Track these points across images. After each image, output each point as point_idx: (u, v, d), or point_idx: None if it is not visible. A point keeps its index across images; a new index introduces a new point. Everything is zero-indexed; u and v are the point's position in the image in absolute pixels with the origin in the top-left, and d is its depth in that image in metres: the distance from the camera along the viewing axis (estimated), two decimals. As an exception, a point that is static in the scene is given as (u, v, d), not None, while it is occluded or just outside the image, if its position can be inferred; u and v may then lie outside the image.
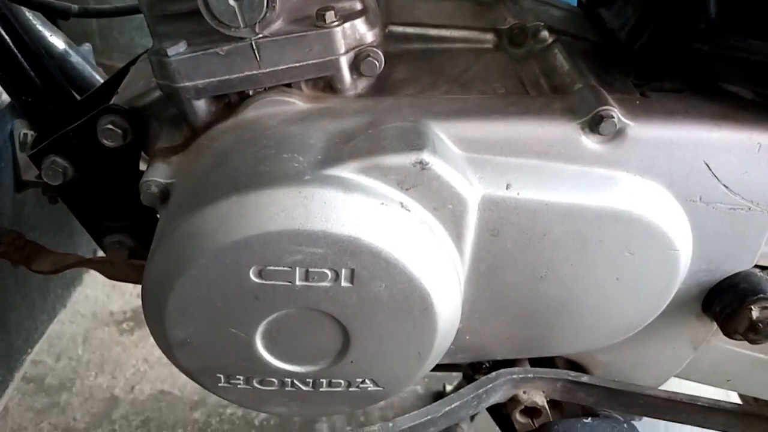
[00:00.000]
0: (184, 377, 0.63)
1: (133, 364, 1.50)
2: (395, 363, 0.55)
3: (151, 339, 0.59)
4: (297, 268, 0.48)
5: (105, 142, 0.66)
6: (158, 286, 0.51)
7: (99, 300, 1.72)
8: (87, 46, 1.09)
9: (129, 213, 0.74)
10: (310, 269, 0.48)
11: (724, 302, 0.61)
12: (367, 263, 0.48)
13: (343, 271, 0.48)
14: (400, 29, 0.63)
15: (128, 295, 1.74)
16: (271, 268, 0.48)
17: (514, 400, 0.67)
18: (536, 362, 0.72)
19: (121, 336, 1.59)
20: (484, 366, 0.73)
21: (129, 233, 0.77)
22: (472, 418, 1.36)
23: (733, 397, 0.98)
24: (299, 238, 0.47)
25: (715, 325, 0.64)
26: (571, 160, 0.54)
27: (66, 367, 1.49)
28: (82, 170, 0.71)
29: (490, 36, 0.65)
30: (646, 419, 0.73)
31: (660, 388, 0.69)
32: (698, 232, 0.58)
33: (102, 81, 1.03)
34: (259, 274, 0.48)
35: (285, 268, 0.48)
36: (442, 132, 0.53)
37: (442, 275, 0.52)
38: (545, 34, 0.63)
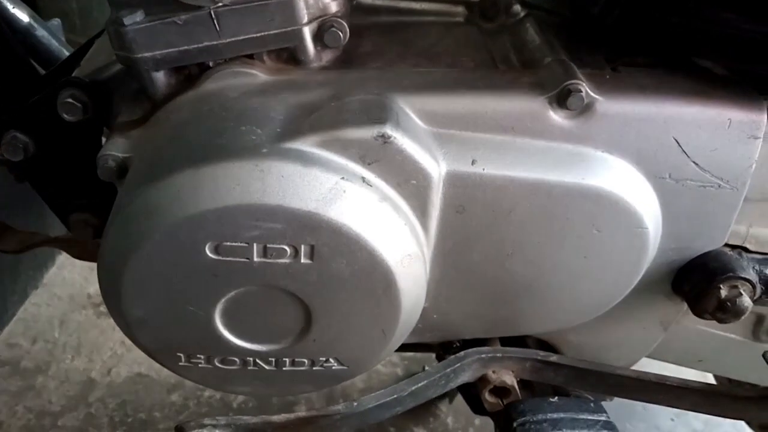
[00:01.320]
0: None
1: (111, 347, 1.48)
2: (359, 341, 0.54)
3: None
4: (254, 244, 0.46)
5: (65, 116, 0.63)
6: (113, 262, 0.50)
7: (76, 282, 1.69)
8: (56, 21, 1.06)
9: (93, 190, 0.71)
10: (268, 245, 0.47)
11: (694, 282, 0.60)
12: (327, 239, 0.47)
13: (303, 247, 0.47)
14: (369, 1, 0.62)
15: None
16: (228, 244, 0.47)
17: (483, 380, 0.67)
18: (507, 342, 0.72)
19: (98, 319, 1.57)
20: (455, 345, 0.72)
21: (94, 211, 0.75)
22: (451, 399, 1.37)
23: (710, 378, 0.99)
24: (256, 213, 0.45)
25: (685, 305, 0.64)
26: (539, 136, 0.52)
27: (42, 350, 1.47)
28: (44, 146, 0.69)
29: (461, 9, 0.63)
30: (623, 401, 0.73)
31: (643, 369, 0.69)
32: (667, 210, 0.57)
33: (69, 56, 1.02)
34: (216, 250, 0.47)
35: (242, 244, 0.47)
36: (407, 106, 0.52)
37: (405, 252, 0.50)
38: (517, 8, 0.62)
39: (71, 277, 1.72)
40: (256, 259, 0.47)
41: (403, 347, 0.66)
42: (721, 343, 0.72)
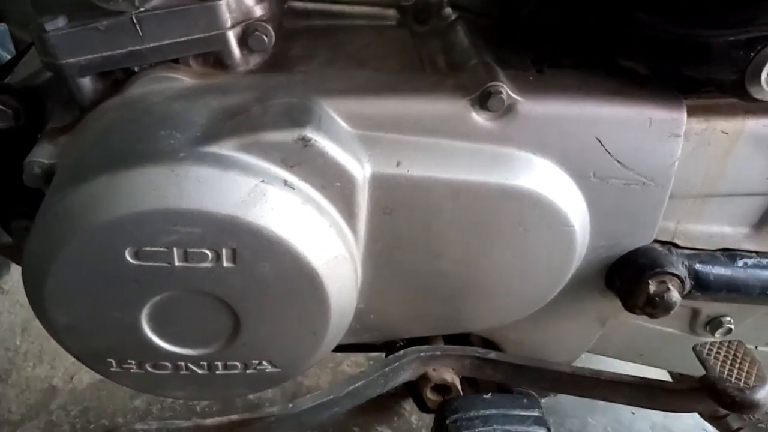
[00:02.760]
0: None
1: None
2: (290, 343, 0.54)
3: None
4: (174, 249, 0.46)
5: None
6: (36, 268, 0.50)
7: None
8: (2, 27, 1.05)
9: (32, 197, 0.68)
10: (188, 250, 0.47)
11: (624, 278, 0.61)
12: (248, 243, 0.47)
13: (224, 251, 0.47)
14: (300, 5, 0.62)
15: None
16: (148, 249, 0.46)
17: (424, 378, 0.67)
18: (451, 340, 0.73)
19: None
20: (398, 344, 0.73)
21: (35, 218, 0.74)
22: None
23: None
24: (174, 218, 0.45)
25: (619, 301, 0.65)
26: (463, 137, 0.53)
27: (2, 358, 1.45)
28: None
29: (393, 12, 0.64)
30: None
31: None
32: (594, 209, 0.58)
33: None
34: (136, 256, 0.47)
35: (162, 249, 0.47)
36: (331, 109, 0.52)
37: (332, 254, 0.51)
38: (448, 10, 0.63)
39: None
40: (177, 263, 0.47)
41: (345, 348, 0.66)
42: (659, 337, 0.73)
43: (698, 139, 0.55)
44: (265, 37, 0.53)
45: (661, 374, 0.92)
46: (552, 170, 0.54)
